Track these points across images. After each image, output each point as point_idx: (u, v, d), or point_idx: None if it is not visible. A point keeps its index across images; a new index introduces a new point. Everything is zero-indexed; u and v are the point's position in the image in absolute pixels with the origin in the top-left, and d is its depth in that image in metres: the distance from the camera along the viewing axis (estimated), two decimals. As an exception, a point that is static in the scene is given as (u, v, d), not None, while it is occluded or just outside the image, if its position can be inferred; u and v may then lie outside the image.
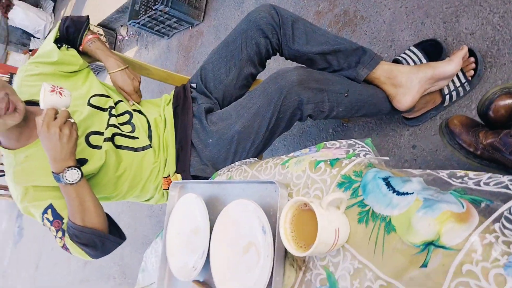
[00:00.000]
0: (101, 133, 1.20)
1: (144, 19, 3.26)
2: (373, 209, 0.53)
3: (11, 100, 1.04)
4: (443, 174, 0.53)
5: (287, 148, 2.01)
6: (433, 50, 1.42)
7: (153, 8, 3.09)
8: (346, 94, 1.22)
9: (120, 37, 4.63)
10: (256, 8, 1.31)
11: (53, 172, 1.04)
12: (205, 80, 1.40)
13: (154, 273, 0.89)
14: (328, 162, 0.62)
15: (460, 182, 0.51)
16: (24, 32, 7.48)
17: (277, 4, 2.28)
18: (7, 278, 6.17)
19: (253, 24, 1.29)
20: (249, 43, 1.31)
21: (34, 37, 7.47)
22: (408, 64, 1.41)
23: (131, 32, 4.26)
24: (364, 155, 0.63)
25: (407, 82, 1.25)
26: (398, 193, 0.51)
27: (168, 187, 1.28)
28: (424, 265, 0.45)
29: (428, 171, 0.55)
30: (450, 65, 1.24)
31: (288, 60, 1.38)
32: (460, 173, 0.52)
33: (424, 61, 1.39)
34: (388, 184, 0.53)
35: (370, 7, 1.74)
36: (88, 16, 1.39)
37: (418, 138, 1.43)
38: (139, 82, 1.37)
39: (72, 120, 1.02)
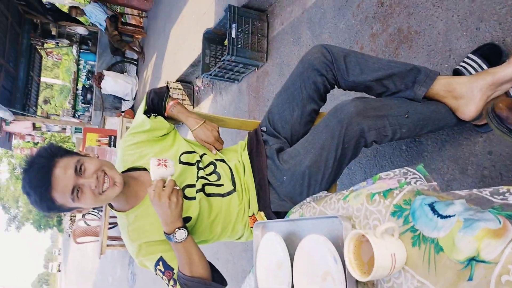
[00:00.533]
0: (193, 186, 1.38)
1: (214, 70, 3.57)
2: (423, 233, 0.61)
3: (109, 176, 1.23)
4: (486, 192, 0.58)
5: (363, 170, 2.06)
6: (492, 54, 1.41)
7: (221, 59, 3.38)
8: (406, 116, 1.27)
9: (197, 88, 5.05)
10: (309, 51, 1.42)
11: (165, 233, 1.23)
12: (273, 123, 1.54)
13: (251, 306, 1.02)
14: (382, 194, 0.70)
15: (501, 199, 0.56)
16: (115, 97, 8.41)
17: (332, 33, 2.40)
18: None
19: (308, 66, 1.41)
20: (307, 83, 1.42)
21: (124, 99, 8.35)
22: (469, 72, 1.42)
23: (206, 82, 4.64)
24: (415, 182, 0.70)
25: (468, 93, 1.26)
26: (442, 217, 0.58)
27: None
28: (470, 278, 0.51)
29: (474, 190, 0.61)
30: (510, 68, 1.23)
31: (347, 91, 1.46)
32: (503, 189, 0.58)
33: (484, 66, 1.38)
34: (433, 209, 0.60)
35: (422, 21, 1.77)
36: (167, 85, 1.62)
37: (493, 143, 1.40)
38: (218, 132, 1.55)
39: (177, 188, 1.19)
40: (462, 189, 1.47)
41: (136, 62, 8.56)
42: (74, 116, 10.79)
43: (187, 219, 1.33)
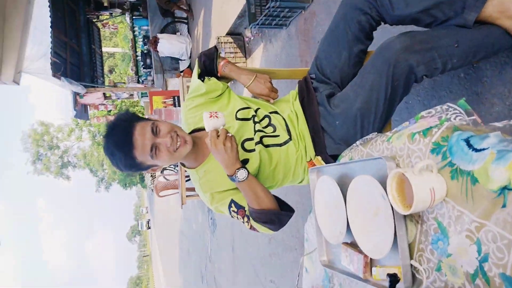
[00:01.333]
0: (251, 139, 1.48)
1: (261, 19, 3.54)
2: (459, 167, 0.64)
3: (180, 136, 1.36)
4: (524, 120, 0.60)
5: (422, 103, 2.01)
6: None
7: (266, 6, 3.34)
8: (456, 45, 1.23)
9: (247, 39, 5.05)
10: None
11: (228, 175, 1.35)
12: (321, 69, 1.56)
13: (314, 241, 1.12)
14: (421, 133, 0.74)
15: (538, 126, 0.57)
16: (172, 58, 8.64)
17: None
18: (213, 262, 7.39)
19: (350, 6, 1.39)
20: (351, 24, 1.40)
21: (180, 59, 8.56)
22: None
23: (255, 32, 4.61)
24: (455, 118, 0.72)
25: None
26: (476, 150, 0.61)
27: None
28: (504, 205, 0.55)
29: (511, 121, 0.62)
30: None
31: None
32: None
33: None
34: (469, 144, 0.63)
35: None
36: (215, 46, 1.68)
37: (558, 61, 1.31)
38: (271, 82, 1.60)
39: (230, 134, 1.32)
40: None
41: (186, 21, 8.64)
42: (138, 82, 11.35)
43: (245, 162, 1.44)
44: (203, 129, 1.52)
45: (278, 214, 1.40)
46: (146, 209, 42.79)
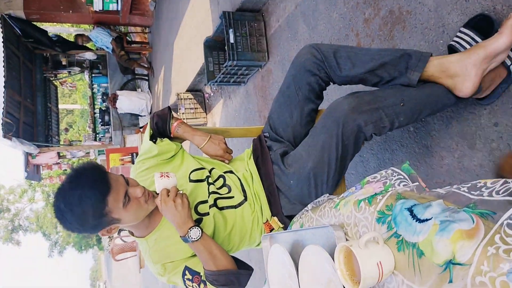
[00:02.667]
0: (205, 201, 1.42)
1: (220, 77, 3.60)
2: (405, 238, 0.62)
3: (147, 190, 1.30)
4: (464, 189, 0.59)
5: (376, 156, 2.05)
6: (484, 25, 1.38)
7: (224, 65, 3.41)
8: (402, 104, 1.26)
9: (206, 95, 5.11)
10: (298, 53, 1.43)
11: (180, 236, 1.28)
12: (274, 128, 1.56)
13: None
14: (367, 200, 0.72)
15: (477, 194, 0.56)
16: (132, 114, 8.57)
17: (327, 24, 2.39)
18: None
19: (300, 68, 1.42)
20: (301, 85, 1.43)
21: (140, 115, 8.50)
22: (464, 47, 1.40)
23: (214, 88, 4.68)
24: (399, 184, 0.71)
25: (462, 70, 1.24)
26: (420, 221, 0.59)
27: (270, 231, 1.45)
28: (450, 281, 0.52)
29: (453, 187, 0.61)
30: (502, 39, 1.20)
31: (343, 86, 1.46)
32: (480, 183, 0.58)
33: (478, 39, 1.36)
34: (412, 213, 0.61)
35: (412, 0, 1.75)
36: (169, 106, 1.66)
37: (497, 114, 1.38)
38: (225, 143, 1.58)
39: (181, 192, 1.28)
40: (473, 164, 1.47)
41: (147, 77, 8.70)
42: (95, 139, 11.08)
43: (198, 221, 1.37)
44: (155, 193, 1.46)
45: (237, 274, 1.33)
46: (104, 285, 39.53)
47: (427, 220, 0.58)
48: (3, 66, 6.39)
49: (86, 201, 1.15)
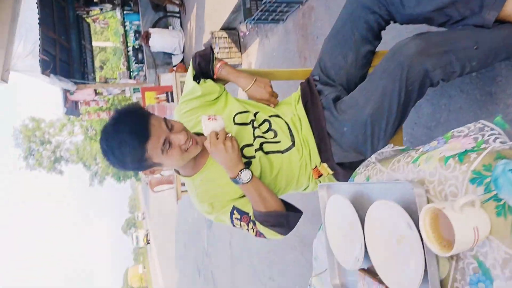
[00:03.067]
0: (251, 145, 1.39)
1: (257, 14, 3.43)
2: (508, 203, 0.55)
3: (191, 136, 1.28)
4: None
5: (430, 102, 1.93)
6: None
7: (262, 1, 3.22)
8: (475, 47, 1.14)
9: (242, 34, 4.94)
10: None
11: (231, 177, 1.27)
12: (325, 71, 1.46)
13: (324, 261, 1.04)
14: (457, 158, 0.64)
15: None
16: (165, 53, 8.50)
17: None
18: (210, 257, 7.32)
19: (357, 4, 1.30)
20: (358, 24, 1.32)
21: (173, 54, 8.42)
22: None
23: (250, 26, 4.50)
24: (494, 140, 0.63)
25: None
26: (530, 185, 0.52)
27: (319, 176, 1.41)
28: None
29: None
30: None
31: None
32: None
33: None
34: (519, 176, 0.54)
35: None
36: (211, 46, 1.58)
37: None
38: (271, 86, 1.50)
39: (229, 135, 1.25)
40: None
41: (178, 15, 8.47)
42: (130, 77, 11.14)
43: (247, 163, 1.35)
44: (200, 134, 1.42)
45: (286, 216, 1.33)
46: (143, 215, 41.49)
47: (539, 184, 0.51)
48: (36, 3, 6.33)
49: (125, 147, 1.17)
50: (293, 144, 1.41)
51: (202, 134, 1.45)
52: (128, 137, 1.16)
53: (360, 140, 1.31)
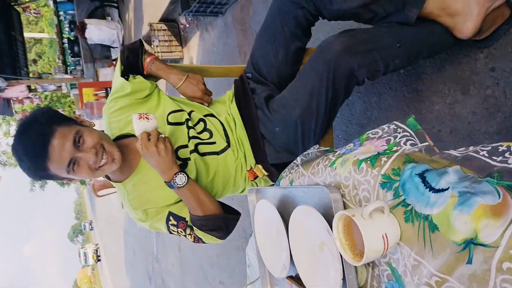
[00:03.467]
0: (186, 146, 1.32)
1: (195, 6, 3.34)
2: (415, 208, 0.55)
3: (108, 152, 1.18)
4: (484, 152, 0.51)
5: (362, 100, 1.97)
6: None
7: (199, -7, 3.14)
8: (398, 45, 1.16)
9: (182, 26, 4.80)
10: None
11: (165, 182, 1.20)
12: (257, 68, 1.43)
13: (256, 268, 1.01)
14: (369, 162, 0.63)
15: (500, 161, 0.49)
16: (103, 46, 8.10)
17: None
18: (160, 262, 7.17)
19: (285, 0, 1.27)
20: (287, 19, 1.29)
21: (112, 47, 8.05)
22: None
23: (190, 19, 4.38)
24: (405, 142, 0.63)
25: (464, 8, 1.13)
26: (434, 191, 0.52)
27: (254, 178, 1.39)
28: (469, 262, 0.46)
29: (470, 150, 0.53)
30: None
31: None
32: (503, 147, 0.50)
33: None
34: (424, 181, 0.54)
35: None
36: (140, 39, 1.48)
37: (495, 59, 1.29)
38: (204, 84, 1.44)
39: (163, 135, 1.18)
40: (465, 111, 1.41)
41: (116, 5, 8.10)
42: (66, 72, 10.52)
43: (182, 166, 1.29)
44: (130, 136, 1.34)
45: (225, 219, 1.29)
46: (90, 225, 39.56)
47: (443, 190, 0.51)
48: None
49: (23, 165, 1.14)
50: (228, 145, 1.37)
51: (129, 136, 1.37)
52: (24, 158, 1.12)
53: (292, 140, 1.29)
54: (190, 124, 1.36)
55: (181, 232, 1.31)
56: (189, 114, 1.39)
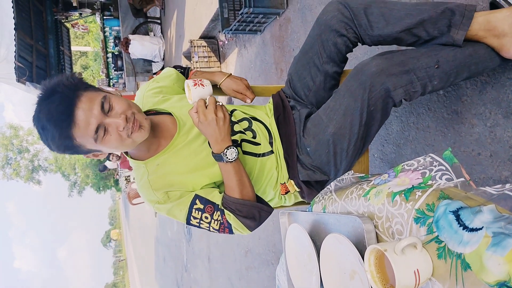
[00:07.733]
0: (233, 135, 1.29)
1: (234, 25, 3.42)
2: (448, 245, 0.55)
3: (136, 119, 1.11)
4: (521, 192, 0.51)
5: (399, 119, 1.95)
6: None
7: (240, 12, 3.22)
8: (436, 66, 1.14)
9: (221, 43, 4.92)
10: (324, 9, 1.28)
11: (214, 153, 1.15)
12: (294, 90, 1.45)
13: (286, 289, 1.02)
14: (403, 195, 0.64)
15: (539, 203, 0.49)
16: (145, 60, 8.42)
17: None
18: (189, 272, 7.23)
19: (325, 27, 1.28)
20: (326, 46, 1.30)
21: (153, 61, 8.34)
22: (509, 3, 1.24)
23: (229, 36, 4.49)
24: (441, 176, 0.63)
25: (511, 28, 1.11)
26: (468, 229, 0.52)
27: (286, 193, 1.38)
28: (502, 304, 0.46)
29: (507, 187, 0.53)
30: None
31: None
32: (542, 187, 0.50)
33: (526, -6, 1.20)
34: (458, 218, 0.54)
35: None
36: (188, 67, 1.57)
37: (541, 82, 1.25)
38: (247, 81, 1.45)
39: (220, 103, 1.13)
40: (506, 135, 1.37)
41: (159, 21, 8.42)
42: (109, 85, 11.01)
43: (234, 141, 1.26)
44: (162, 113, 1.32)
45: (260, 208, 1.21)
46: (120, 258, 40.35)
47: (477, 229, 0.51)
48: (12, 7, 6.20)
49: (46, 133, 1.05)
50: (272, 151, 1.35)
51: (162, 113, 1.31)
52: (47, 124, 1.02)
53: (324, 160, 1.30)
54: (233, 119, 1.34)
55: (206, 218, 1.20)
56: (232, 111, 1.39)
